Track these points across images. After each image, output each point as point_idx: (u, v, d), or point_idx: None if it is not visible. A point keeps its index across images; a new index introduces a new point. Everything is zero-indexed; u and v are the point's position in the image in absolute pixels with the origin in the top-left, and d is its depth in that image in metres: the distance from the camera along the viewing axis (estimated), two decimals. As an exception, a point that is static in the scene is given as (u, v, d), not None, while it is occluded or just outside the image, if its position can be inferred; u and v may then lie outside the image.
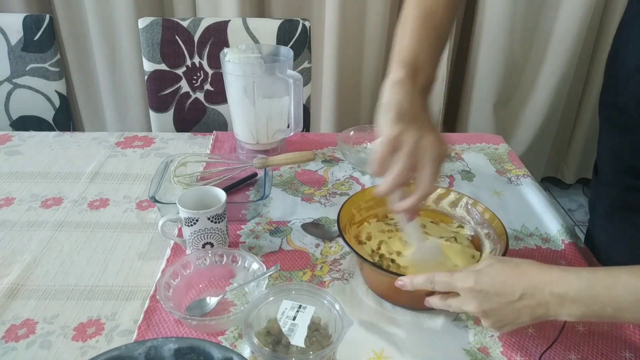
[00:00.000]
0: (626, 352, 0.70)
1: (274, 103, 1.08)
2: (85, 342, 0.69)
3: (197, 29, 1.40)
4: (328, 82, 2.15)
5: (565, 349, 0.70)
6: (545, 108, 2.27)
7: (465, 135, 1.33)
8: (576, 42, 2.12)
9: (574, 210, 2.42)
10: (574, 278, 0.56)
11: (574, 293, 0.55)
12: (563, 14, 2.08)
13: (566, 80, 2.22)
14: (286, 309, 0.66)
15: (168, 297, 0.72)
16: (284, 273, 0.82)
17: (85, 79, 2.20)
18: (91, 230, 0.92)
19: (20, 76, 1.39)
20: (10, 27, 1.35)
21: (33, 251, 0.86)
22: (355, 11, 2.04)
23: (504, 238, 0.76)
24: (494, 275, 0.60)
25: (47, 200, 1.00)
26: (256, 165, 1.02)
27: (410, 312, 0.75)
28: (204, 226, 0.80)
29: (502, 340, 0.71)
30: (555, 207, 1.00)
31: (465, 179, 1.11)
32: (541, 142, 2.37)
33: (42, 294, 0.77)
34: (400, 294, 0.70)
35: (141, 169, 1.12)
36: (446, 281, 0.63)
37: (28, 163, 1.13)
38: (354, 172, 1.12)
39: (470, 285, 0.60)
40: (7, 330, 0.71)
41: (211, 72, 1.44)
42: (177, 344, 0.54)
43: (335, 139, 1.23)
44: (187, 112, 1.47)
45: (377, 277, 0.76)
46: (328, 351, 0.61)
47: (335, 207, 0.99)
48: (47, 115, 1.44)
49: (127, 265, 0.83)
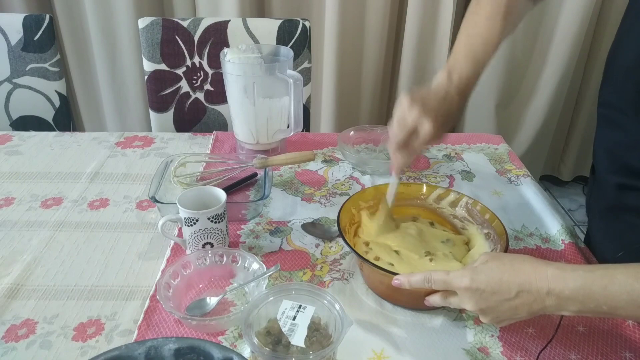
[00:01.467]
0: (626, 352, 0.70)
1: (274, 103, 1.08)
2: (85, 342, 0.69)
3: (197, 29, 1.40)
4: (328, 82, 2.15)
5: (565, 349, 0.70)
6: (546, 109, 2.28)
7: (466, 135, 1.33)
8: (576, 43, 2.14)
9: (574, 210, 2.42)
10: (570, 277, 0.57)
11: (569, 292, 0.56)
12: (564, 16, 2.08)
13: (565, 81, 2.23)
14: (286, 309, 0.66)
15: (168, 297, 0.72)
16: (284, 273, 0.82)
17: (85, 79, 2.20)
18: (91, 230, 0.92)
19: (20, 76, 1.39)
20: (10, 27, 1.35)
21: (33, 251, 0.86)
22: (355, 11, 2.04)
23: (504, 238, 0.76)
24: (489, 274, 0.60)
25: (47, 200, 1.00)
26: (256, 165, 1.02)
27: (410, 312, 0.75)
28: (204, 226, 0.80)
29: (502, 340, 0.71)
30: (555, 207, 1.00)
31: (465, 179, 1.11)
32: (540, 141, 2.38)
33: (42, 294, 0.77)
34: (400, 294, 0.70)
35: (141, 169, 1.12)
36: (443, 280, 0.64)
37: (28, 163, 1.13)
38: (354, 172, 1.12)
39: (467, 284, 0.61)
40: (7, 330, 0.71)
41: (211, 72, 1.44)
42: (177, 344, 0.54)
43: (335, 139, 1.23)
44: (187, 112, 1.47)
45: (377, 277, 0.76)
46: (328, 351, 0.61)
47: (335, 207, 0.99)
48: (47, 115, 1.44)
49: (127, 265, 0.83)
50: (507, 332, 0.72)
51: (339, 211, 0.81)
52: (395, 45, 2.20)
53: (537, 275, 0.58)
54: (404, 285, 0.67)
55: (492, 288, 0.59)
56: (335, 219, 0.80)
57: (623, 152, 0.78)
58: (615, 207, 0.81)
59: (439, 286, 0.65)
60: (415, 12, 2.03)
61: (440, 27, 2.06)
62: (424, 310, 0.75)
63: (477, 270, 0.61)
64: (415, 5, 2.01)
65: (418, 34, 2.06)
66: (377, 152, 1.17)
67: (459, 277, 0.62)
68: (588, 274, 0.56)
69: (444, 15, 2.03)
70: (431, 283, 0.65)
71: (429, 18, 2.04)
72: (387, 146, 0.80)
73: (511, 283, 0.58)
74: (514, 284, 0.58)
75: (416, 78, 2.16)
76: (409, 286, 0.67)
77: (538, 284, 0.57)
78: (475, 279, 0.60)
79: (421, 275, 0.66)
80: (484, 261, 0.63)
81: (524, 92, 2.30)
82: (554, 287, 0.57)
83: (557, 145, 2.49)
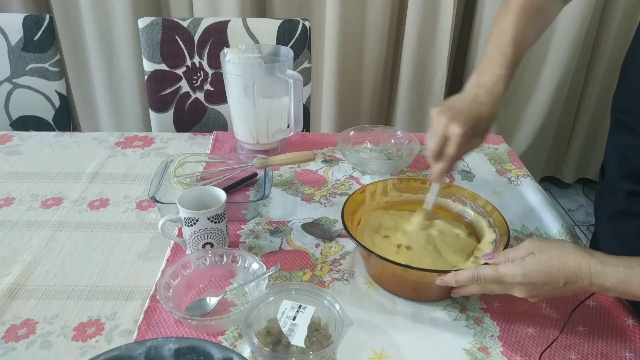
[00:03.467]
0: (626, 352, 0.70)
1: (274, 103, 1.08)
2: (85, 342, 0.69)
3: (197, 29, 1.40)
4: (328, 82, 2.15)
5: (565, 349, 0.70)
6: (546, 108, 2.28)
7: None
8: (576, 43, 2.13)
9: (574, 210, 2.42)
10: (610, 272, 0.63)
11: (610, 284, 0.63)
12: (564, 15, 2.07)
13: (566, 81, 2.23)
14: (286, 309, 0.66)
15: (168, 297, 0.72)
16: (284, 273, 0.82)
17: (82, 80, 2.19)
18: (91, 230, 0.92)
19: (20, 76, 1.39)
20: (10, 27, 1.35)
21: (33, 251, 0.86)
22: (355, 11, 2.04)
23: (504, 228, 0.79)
24: (538, 268, 0.65)
25: (47, 200, 1.00)
26: (256, 165, 1.02)
27: (410, 312, 0.75)
28: (204, 226, 0.80)
29: (502, 340, 0.71)
30: (555, 207, 1.00)
31: (465, 179, 1.11)
32: (540, 142, 2.38)
33: (42, 294, 0.77)
34: (405, 286, 0.71)
35: (141, 169, 1.12)
36: (494, 276, 0.67)
37: (28, 163, 1.13)
38: (354, 172, 1.12)
39: (519, 280, 0.66)
40: (7, 330, 0.71)
41: (211, 72, 1.44)
42: (177, 344, 0.54)
43: (335, 139, 1.23)
44: (187, 112, 1.47)
45: (384, 267, 0.77)
46: (328, 351, 0.61)
47: (335, 207, 0.99)
48: (47, 115, 1.44)
49: (127, 265, 0.83)
50: (507, 332, 0.72)
51: (343, 205, 0.82)
52: (396, 45, 2.20)
53: (582, 269, 0.63)
54: (450, 284, 0.70)
55: (542, 280, 0.65)
56: (335, 219, 0.80)
57: (636, 158, 0.78)
58: (625, 213, 0.81)
59: (490, 281, 0.68)
60: (415, 12, 2.02)
61: (440, 27, 2.06)
62: (424, 308, 0.76)
63: (526, 266, 0.66)
64: (415, 5, 2.01)
65: (418, 34, 2.06)
66: (377, 152, 1.17)
67: (510, 273, 0.66)
68: (628, 270, 0.62)
69: (444, 15, 2.03)
70: (481, 279, 0.68)
71: (429, 18, 2.04)
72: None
73: (559, 276, 0.64)
74: (561, 276, 0.64)
75: (416, 78, 2.16)
76: (456, 284, 0.70)
77: (583, 276, 0.63)
78: (527, 274, 0.65)
79: (469, 272, 0.69)
80: (530, 252, 0.67)
81: (523, 92, 2.29)
82: (596, 281, 0.63)
83: (560, 147, 2.48)
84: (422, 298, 0.77)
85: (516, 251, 0.68)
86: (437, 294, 0.76)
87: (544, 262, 0.65)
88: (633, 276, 0.62)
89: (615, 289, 0.63)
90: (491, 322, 0.74)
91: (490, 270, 0.67)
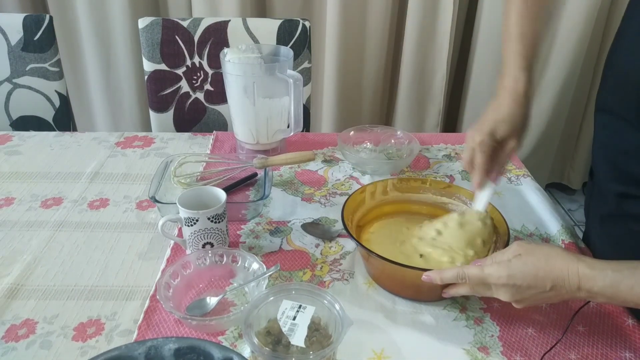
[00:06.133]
0: (626, 352, 0.70)
1: (274, 103, 1.08)
2: (85, 342, 0.69)
3: (197, 29, 1.40)
4: (328, 82, 2.15)
5: (565, 349, 0.70)
6: (549, 112, 2.23)
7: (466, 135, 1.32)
8: (581, 44, 2.09)
9: (574, 210, 2.41)
10: (599, 276, 0.61)
11: (598, 289, 0.61)
12: (567, 15, 2.06)
13: (571, 84, 2.18)
14: (286, 309, 0.66)
15: (168, 297, 0.72)
16: (284, 273, 0.82)
17: (79, 80, 2.18)
18: (91, 230, 0.92)
19: (20, 76, 1.38)
20: (10, 27, 1.35)
21: (33, 251, 0.86)
22: (355, 11, 2.04)
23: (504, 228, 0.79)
24: (524, 270, 0.64)
25: (47, 200, 1.00)
26: (256, 165, 1.02)
27: (410, 313, 0.75)
28: (204, 226, 0.80)
29: (502, 340, 0.71)
30: (554, 207, 1.00)
31: (465, 179, 1.11)
32: (545, 146, 2.32)
33: (42, 294, 0.77)
34: (405, 286, 0.71)
35: (141, 169, 1.12)
36: (478, 276, 0.66)
37: (28, 163, 1.13)
38: (354, 172, 1.12)
39: (504, 282, 0.64)
40: (7, 330, 0.71)
41: (211, 72, 1.44)
42: (177, 344, 0.54)
43: (335, 139, 1.23)
44: (187, 112, 1.47)
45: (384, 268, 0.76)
46: (328, 351, 0.61)
47: (335, 207, 0.99)
48: (47, 115, 1.44)
49: (127, 265, 0.83)
50: (507, 332, 0.72)
51: (343, 205, 0.82)
52: (396, 45, 2.19)
53: (569, 272, 0.62)
54: (435, 281, 0.69)
55: (527, 283, 0.63)
56: (335, 219, 0.80)
57: (623, 159, 0.77)
58: (616, 214, 0.80)
59: (474, 282, 0.67)
60: (415, 13, 2.02)
61: (440, 27, 2.06)
62: (424, 308, 0.75)
63: (512, 267, 0.64)
64: (415, 6, 2.01)
65: (418, 34, 2.06)
66: (377, 152, 1.17)
67: (495, 274, 0.65)
68: (616, 274, 0.60)
69: (444, 15, 2.03)
70: (465, 279, 0.67)
71: (429, 18, 2.04)
72: None
73: (546, 279, 0.62)
74: (548, 279, 0.62)
75: (416, 78, 2.16)
76: (440, 282, 0.69)
77: (570, 280, 0.62)
78: (512, 276, 0.63)
79: (454, 270, 0.68)
80: (517, 254, 0.65)
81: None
82: (584, 285, 0.61)
83: (566, 152, 2.43)
84: (422, 298, 0.77)
85: (503, 254, 0.67)
86: (437, 294, 0.76)
87: (530, 264, 0.63)
88: (622, 280, 0.60)
89: (603, 293, 0.61)
90: (491, 322, 0.74)
91: (475, 270, 0.66)
